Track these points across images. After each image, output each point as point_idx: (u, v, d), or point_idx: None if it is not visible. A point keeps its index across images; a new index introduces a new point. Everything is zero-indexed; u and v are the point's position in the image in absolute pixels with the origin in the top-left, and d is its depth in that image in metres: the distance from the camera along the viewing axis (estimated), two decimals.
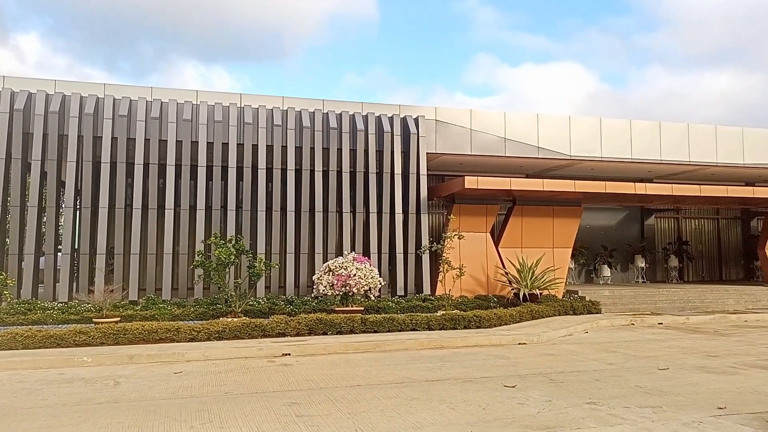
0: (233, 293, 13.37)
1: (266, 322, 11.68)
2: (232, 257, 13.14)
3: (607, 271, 22.09)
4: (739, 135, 19.83)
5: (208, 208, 15.16)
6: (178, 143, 14.72)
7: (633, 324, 14.39)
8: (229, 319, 11.84)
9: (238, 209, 15.30)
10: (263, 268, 13.60)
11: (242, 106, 15.37)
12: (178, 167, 14.82)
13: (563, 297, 17.02)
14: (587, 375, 8.11)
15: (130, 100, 14.63)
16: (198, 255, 13.47)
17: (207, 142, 14.84)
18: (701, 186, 18.28)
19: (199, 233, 14.64)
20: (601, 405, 6.35)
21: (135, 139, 14.44)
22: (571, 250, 18.44)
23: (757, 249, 21.27)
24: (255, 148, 15.23)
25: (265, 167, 15.23)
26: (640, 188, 17.34)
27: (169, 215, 14.57)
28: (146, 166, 14.50)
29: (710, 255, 25.26)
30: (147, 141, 14.51)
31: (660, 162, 19.07)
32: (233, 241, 13.47)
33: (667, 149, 19.03)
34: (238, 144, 15.07)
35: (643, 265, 22.94)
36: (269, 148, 15.34)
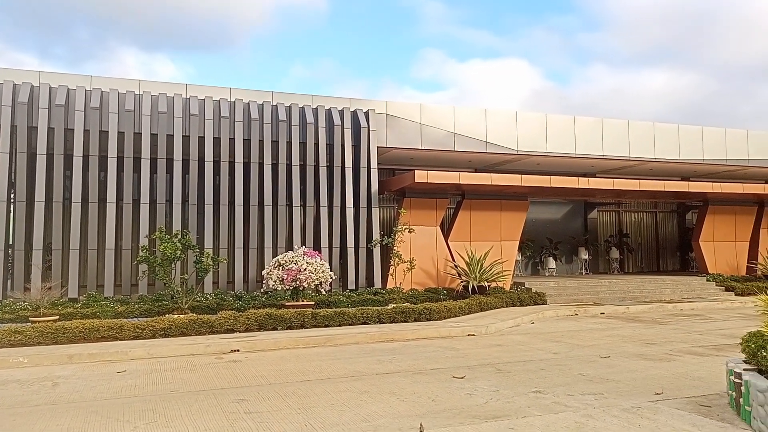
0: (179, 289, 13.03)
1: (214, 318, 11.45)
2: (179, 252, 12.80)
3: (552, 263, 22.72)
4: (676, 132, 20.72)
5: (153, 202, 14.70)
6: (120, 135, 14.18)
7: (577, 314, 14.87)
8: (176, 316, 11.54)
9: (184, 203, 14.90)
10: (211, 263, 13.32)
11: (188, 96, 14.95)
12: (120, 159, 14.29)
13: (511, 289, 17.41)
14: (533, 364, 8.32)
15: (68, 89, 13.99)
16: (142, 250, 13.05)
17: (151, 134, 14.36)
18: (640, 181, 19.03)
19: (143, 228, 14.18)
20: (546, 393, 6.53)
21: (73, 129, 13.82)
22: (518, 242, 18.86)
23: (692, 241, 22.32)
24: (201, 140, 14.85)
25: (212, 160, 14.88)
26: (584, 183, 17.89)
27: (111, 209, 14.04)
28: (86, 158, 13.92)
29: (649, 247, 26.36)
30: (86, 132, 13.91)
31: (602, 157, 19.70)
32: (179, 236, 13.12)
33: (609, 145, 19.69)
34: (183, 136, 14.66)
35: (586, 257, 23.71)
36: (216, 141, 14.99)
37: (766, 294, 6.03)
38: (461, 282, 16.49)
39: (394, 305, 13.43)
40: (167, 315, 11.96)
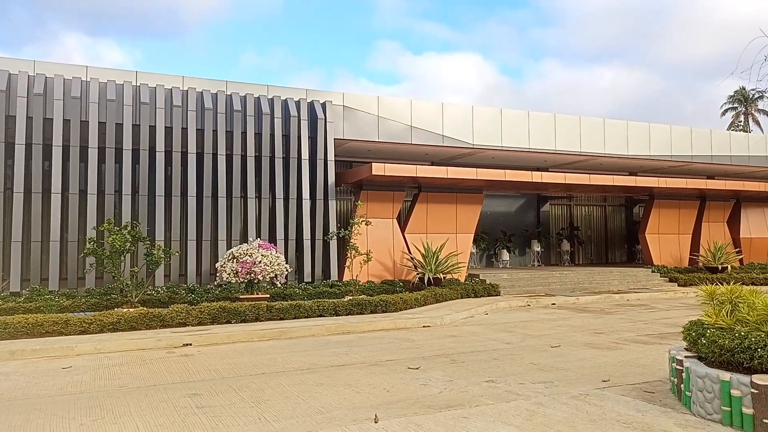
0: (129, 282, 12.67)
1: (165, 311, 11.19)
2: (128, 244, 12.43)
3: (506, 256, 23.15)
4: (624, 128, 21.39)
5: (101, 193, 14.21)
6: (66, 122, 13.63)
7: (529, 305, 15.20)
8: (125, 310, 11.22)
9: (134, 194, 14.46)
10: (162, 255, 12.99)
11: (138, 84, 14.49)
12: (65, 148, 13.73)
13: (466, 280, 17.65)
14: (487, 354, 8.47)
15: (9, 73, 13.34)
16: (89, 242, 12.61)
17: (99, 122, 13.85)
18: (591, 175, 19.57)
19: (91, 219, 13.70)
20: (498, 382, 6.65)
21: (15, 116, 13.20)
22: (473, 235, 19.13)
23: (638, 233, 23.13)
24: (153, 129, 14.42)
25: (163, 150, 14.48)
26: (537, 176, 18.27)
27: (56, 200, 13.50)
28: (29, 146, 13.32)
29: (598, 239, 27.19)
30: (29, 119, 13.31)
31: (555, 152, 20.17)
32: (129, 228, 12.74)
33: (562, 140, 20.16)
34: (133, 125, 14.21)
35: (538, 249, 24.27)
36: (168, 130, 14.59)
37: (706, 285, 6.30)
38: (417, 274, 16.62)
39: (351, 297, 13.42)
40: (116, 309, 11.61)
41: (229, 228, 15.18)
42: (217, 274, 13.85)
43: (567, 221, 26.21)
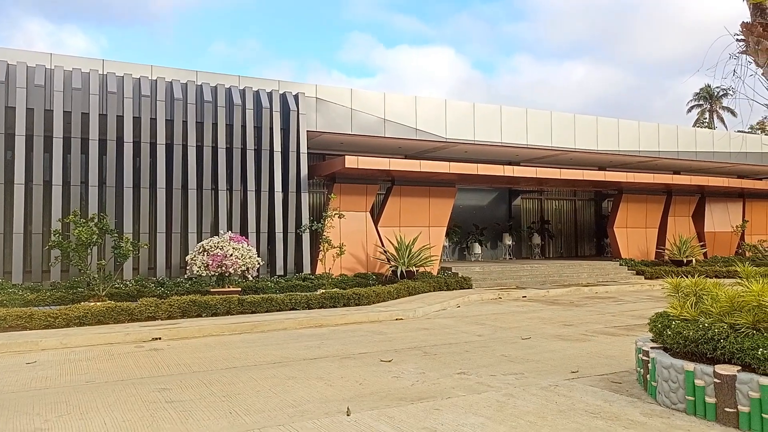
0: (96, 276, 12.40)
1: (134, 305, 11.00)
2: (95, 237, 12.15)
3: (478, 249, 23.36)
4: (594, 124, 21.71)
5: (66, 184, 13.84)
6: (29, 111, 13.22)
7: (500, 298, 15.38)
8: (92, 304, 10.98)
9: (101, 185, 14.14)
10: (130, 248, 12.74)
11: (105, 73, 14.13)
12: (29, 138, 13.32)
13: (438, 273, 17.76)
14: (459, 347, 8.54)
15: None
16: (54, 234, 12.29)
17: (64, 111, 13.48)
18: (561, 170, 19.84)
19: (56, 211, 13.34)
20: (470, 374, 6.72)
21: None
22: (445, 228, 19.24)
23: (607, 227, 23.57)
24: (120, 119, 14.09)
25: (132, 140, 14.16)
26: (509, 171, 18.44)
27: (19, 191, 13.10)
28: None
29: (568, 233, 27.62)
30: None
31: (526, 146, 20.37)
32: (96, 220, 12.46)
33: (533, 134, 20.37)
34: (100, 114, 13.87)
35: (510, 242, 24.55)
36: (136, 120, 14.28)
37: (672, 277, 6.44)
38: (390, 267, 16.65)
39: (323, 291, 13.38)
40: (83, 303, 11.35)
41: (199, 220, 14.97)
42: (188, 268, 13.65)
43: (538, 215, 26.55)
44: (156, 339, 9.57)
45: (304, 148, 16.19)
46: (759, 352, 4.53)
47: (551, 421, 4.89)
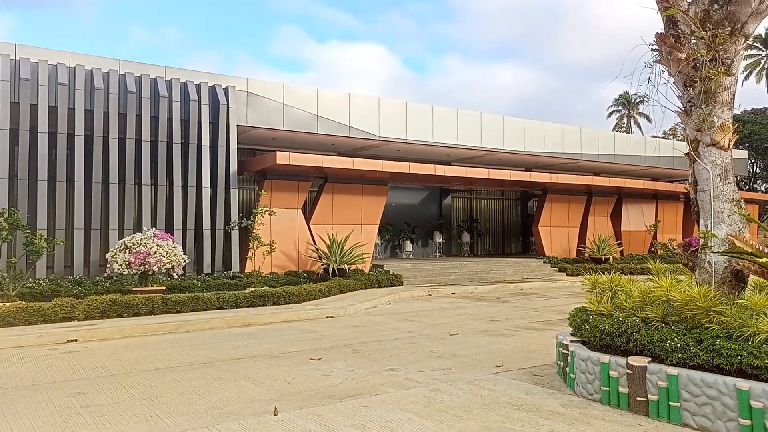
0: (5, 274, 11.60)
1: (48, 306, 10.37)
2: (4, 233, 11.38)
3: (409, 247, 23.63)
4: (521, 126, 22.44)
5: None
6: None
7: (430, 294, 15.62)
8: (0, 304, 10.26)
9: (12, 178, 13.23)
10: (44, 245, 12.01)
11: (17, 58, 13.23)
12: None
13: (370, 271, 17.82)
14: (388, 344, 8.60)
15: None
16: None
17: None
18: (490, 170, 20.39)
19: None
20: (399, 371, 6.78)
21: None
22: (377, 226, 19.34)
23: (532, 226, 24.44)
24: (34, 108, 13.23)
25: (47, 131, 13.34)
26: (440, 170, 18.76)
27: None
28: None
29: (496, 231, 28.44)
30: None
31: (457, 146, 20.78)
32: (5, 215, 11.65)
33: (464, 135, 20.81)
34: (12, 102, 12.98)
35: (440, 240, 25.00)
36: (52, 110, 13.46)
37: (590, 274, 6.75)
38: (322, 265, 16.55)
39: (253, 289, 13.13)
40: None
41: (121, 216, 14.31)
42: (108, 266, 13.02)
43: (467, 214, 27.18)
44: (72, 341, 9.07)
45: (234, 143, 15.80)
46: (667, 344, 4.83)
47: (476, 415, 5.01)
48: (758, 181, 44.87)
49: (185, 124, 15.14)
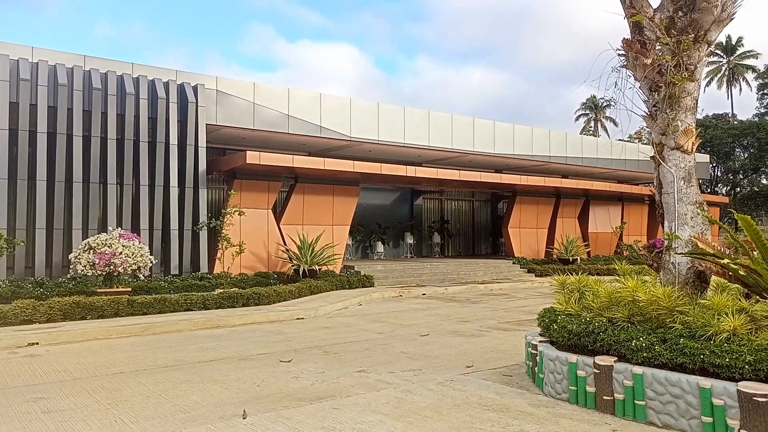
0: None
1: (8, 308, 10.05)
2: None
3: (380, 247, 23.64)
4: (492, 128, 22.67)
5: None
6: None
7: (401, 295, 15.64)
8: None
9: None
10: (4, 245, 11.64)
11: None
12: None
13: (341, 272, 17.76)
14: (359, 345, 8.58)
15: None
16: None
17: None
18: (461, 171, 20.54)
19: None
20: (369, 372, 6.76)
21: None
22: (349, 227, 19.29)
23: (502, 227, 24.71)
24: None
25: (7, 128, 12.94)
26: (411, 171, 18.82)
27: None
28: None
29: (466, 232, 28.66)
30: None
31: (428, 148, 20.87)
32: None
33: (435, 136, 20.91)
34: None
35: (411, 241, 25.07)
36: (14, 106, 13.06)
37: (559, 275, 6.85)
38: (292, 266, 16.43)
39: (222, 290, 12.95)
40: None
41: (85, 216, 13.96)
42: (71, 267, 12.69)
43: (438, 215, 27.32)
44: (33, 344, 8.80)
45: (202, 142, 15.57)
46: (633, 344, 4.92)
47: (446, 415, 5.02)
48: (719, 185, 46.27)
49: (153, 122, 14.86)
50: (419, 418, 4.95)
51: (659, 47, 5.93)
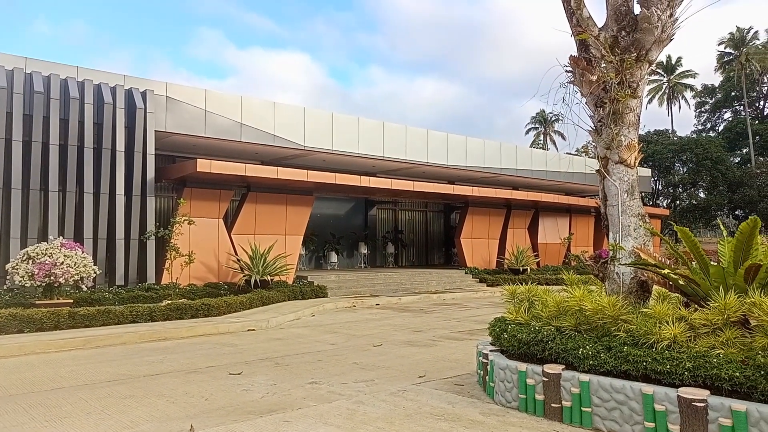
0: None
1: None
2: None
3: (334, 257, 23.52)
4: (445, 140, 22.97)
5: None
6: None
7: (355, 306, 15.58)
8: None
9: None
10: None
11: None
12: None
13: (294, 282, 17.56)
14: (311, 356, 8.48)
15: None
16: None
17: None
18: (414, 182, 20.70)
19: None
20: (322, 384, 6.69)
21: None
22: (302, 237, 19.11)
23: (455, 238, 25.00)
24: None
25: None
26: (365, 181, 18.84)
27: None
28: None
29: (420, 243, 28.86)
30: None
31: (383, 158, 20.95)
32: None
33: (389, 147, 21.02)
34: None
35: (365, 251, 25.06)
36: None
37: (509, 285, 6.97)
38: (244, 276, 16.14)
39: (169, 302, 12.59)
40: None
41: (24, 224, 13.34)
42: (8, 277, 12.08)
43: (392, 225, 27.42)
44: None
45: (151, 149, 15.16)
46: (579, 352, 5.05)
47: (399, 426, 5.01)
48: (660, 197, 48.25)
49: (98, 127, 14.39)
50: (371, 429, 4.92)
51: (604, 65, 6.15)
